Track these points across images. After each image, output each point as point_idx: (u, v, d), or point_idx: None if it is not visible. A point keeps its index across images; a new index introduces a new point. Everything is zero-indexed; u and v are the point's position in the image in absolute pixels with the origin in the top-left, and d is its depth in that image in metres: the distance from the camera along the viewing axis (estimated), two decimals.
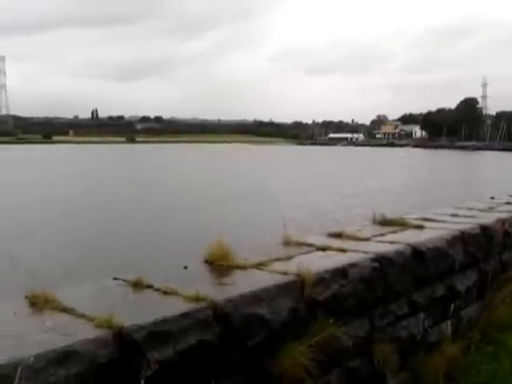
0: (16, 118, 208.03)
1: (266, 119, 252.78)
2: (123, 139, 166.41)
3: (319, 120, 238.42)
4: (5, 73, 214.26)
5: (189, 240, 14.60)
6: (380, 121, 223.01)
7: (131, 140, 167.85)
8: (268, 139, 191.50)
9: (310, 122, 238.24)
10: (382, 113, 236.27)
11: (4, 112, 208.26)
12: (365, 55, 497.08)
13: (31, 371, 2.53)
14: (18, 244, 16.02)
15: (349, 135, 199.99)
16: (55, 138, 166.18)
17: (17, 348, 2.69)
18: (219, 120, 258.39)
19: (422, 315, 5.44)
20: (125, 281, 3.88)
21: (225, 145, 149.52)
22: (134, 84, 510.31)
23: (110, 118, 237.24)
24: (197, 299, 3.43)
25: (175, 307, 3.32)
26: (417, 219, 6.91)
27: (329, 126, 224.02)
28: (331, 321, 4.13)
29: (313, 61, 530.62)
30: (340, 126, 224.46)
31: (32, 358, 2.54)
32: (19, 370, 2.49)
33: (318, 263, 4.53)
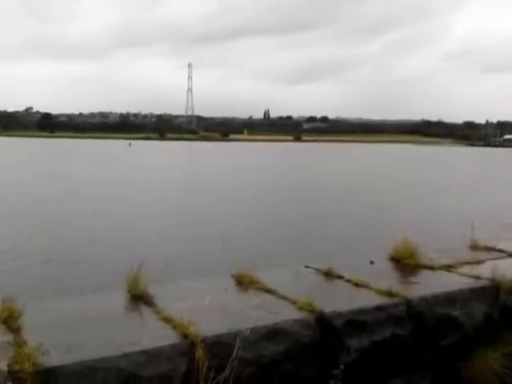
0: (199, 118, 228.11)
1: (434, 119, 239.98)
2: (291, 138, 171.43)
3: (493, 120, 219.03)
4: (192, 78, 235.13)
5: (373, 235, 14.76)
6: None
7: (298, 139, 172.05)
8: (435, 139, 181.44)
9: (483, 122, 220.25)
10: None
11: (190, 113, 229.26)
12: None
13: (247, 342, 2.86)
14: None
15: None
16: (231, 136, 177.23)
17: (233, 321, 3.05)
18: (384, 120, 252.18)
19: None
20: (316, 270, 4.13)
21: (390, 144, 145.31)
22: (304, 86, 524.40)
23: (280, 118, 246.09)
24: (389, 294, 3.54)
25: (369, 299, 3.47)
26: None
27: (504, 126, 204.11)
28: None
29: (490, 59, 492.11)
30: None
31: (248, 331, 2.87)
32: (237, 340, 2.83)
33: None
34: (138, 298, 3.48)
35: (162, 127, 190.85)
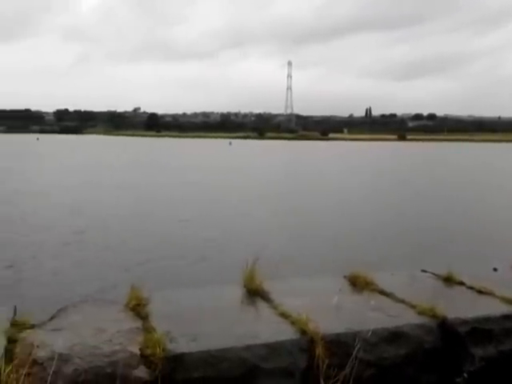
0: (298, 117, 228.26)
1: None
2: (394, 137, 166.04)
3: None
4: (291, 76, 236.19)
5: (495, 240, 14.09)
6: None
7: (402, 138, 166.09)
8: None
9: None
10: None
11: (289, 111, 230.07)
12: None
13: (367, 344, 2.83)
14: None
15: None
16: (331, 135, 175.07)
17: (351, 321, 3.04)
18: (499, 117, 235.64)
19: None
20: (434, 274, 3.99)
21: (507, 144, 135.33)
22: (411, 82, 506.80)
23: (383, 116, 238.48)
24: None
25: (494, 307, 3.29)
26: None
27: None
28: None
29: None
30: None
31: (370, 333, 2.84)
32: (357, 340, 2.81)
33: None
34: (254, 293, 3.56)
35: (261, 126, 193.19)
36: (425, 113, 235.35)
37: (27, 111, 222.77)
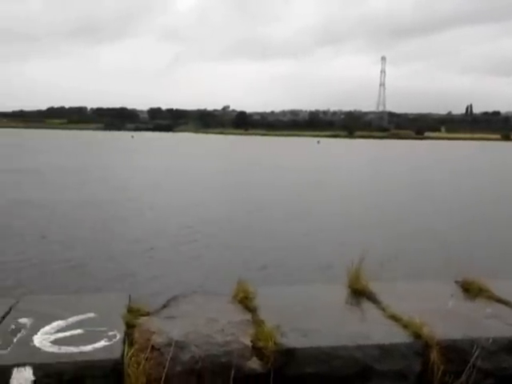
0: (390, 114, 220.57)
1: None
2: (497, 136, 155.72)
3: None
4: (385, 72, 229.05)
5: None
6: None
7: (506, 138, 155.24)
8: None
9: None
10: None
11: (381, 108, 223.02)
12: None
13: (485, 352, 2.71)
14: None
15: None
16: (426, 134, 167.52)
17: (467, 327, 2.92)
18: None
19: None
20: None
21: None
22: None
23: (485, 113, 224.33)
24: None
25: None
26: None
27: None
28: None
29: None
30: None
31: (490, 340, 2.71)
32: (475, 347, 2.69)
33: None
34: (360, 294, 3.51)
35: (350, 124, 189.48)
36: None
37: (123, 109, 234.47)
